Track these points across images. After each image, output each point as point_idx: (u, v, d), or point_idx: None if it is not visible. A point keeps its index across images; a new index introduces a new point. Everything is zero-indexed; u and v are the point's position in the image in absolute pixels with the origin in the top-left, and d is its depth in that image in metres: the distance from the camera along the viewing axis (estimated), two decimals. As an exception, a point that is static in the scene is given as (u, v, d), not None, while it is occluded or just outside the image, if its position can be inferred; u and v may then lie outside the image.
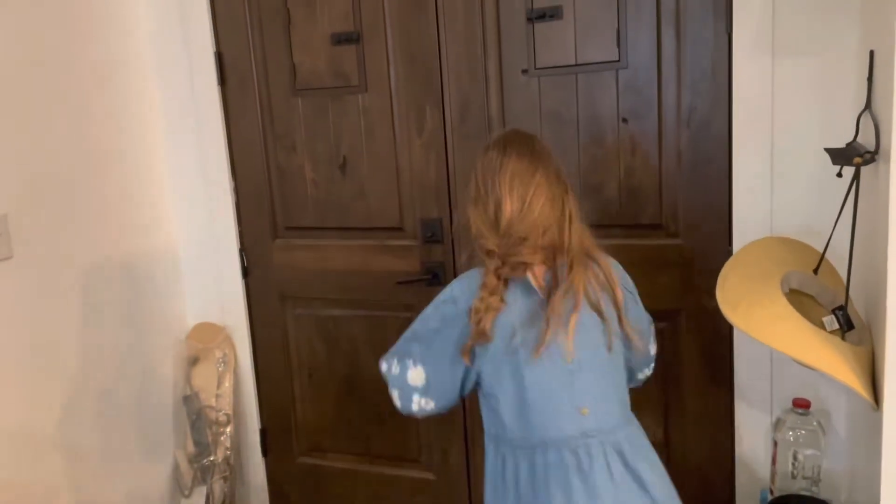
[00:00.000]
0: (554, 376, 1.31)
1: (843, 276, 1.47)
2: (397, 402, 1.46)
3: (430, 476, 2.37)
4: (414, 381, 1.41)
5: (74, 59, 2.11)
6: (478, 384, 1.40)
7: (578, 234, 1.36)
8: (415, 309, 2.26)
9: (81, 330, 2.12)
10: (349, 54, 2.18)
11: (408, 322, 2.27)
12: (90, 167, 2.16)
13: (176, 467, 2.44)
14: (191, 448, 2.43)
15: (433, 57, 2.08)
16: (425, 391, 1.41)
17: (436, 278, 2.20)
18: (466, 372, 1.38)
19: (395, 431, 2.38)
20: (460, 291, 1.39)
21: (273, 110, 2.32)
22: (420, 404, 1.41)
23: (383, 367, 1.49)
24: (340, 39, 2.17)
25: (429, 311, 1.44)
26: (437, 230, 2.18)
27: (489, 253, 1.34)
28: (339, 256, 2.34)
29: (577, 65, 1.93)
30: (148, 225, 2.39)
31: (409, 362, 1.41)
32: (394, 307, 2.29)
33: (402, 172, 2.20)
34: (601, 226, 1.96)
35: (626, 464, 1.31)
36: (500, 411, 1.35)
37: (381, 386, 2.32)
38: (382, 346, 2.31)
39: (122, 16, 2.29)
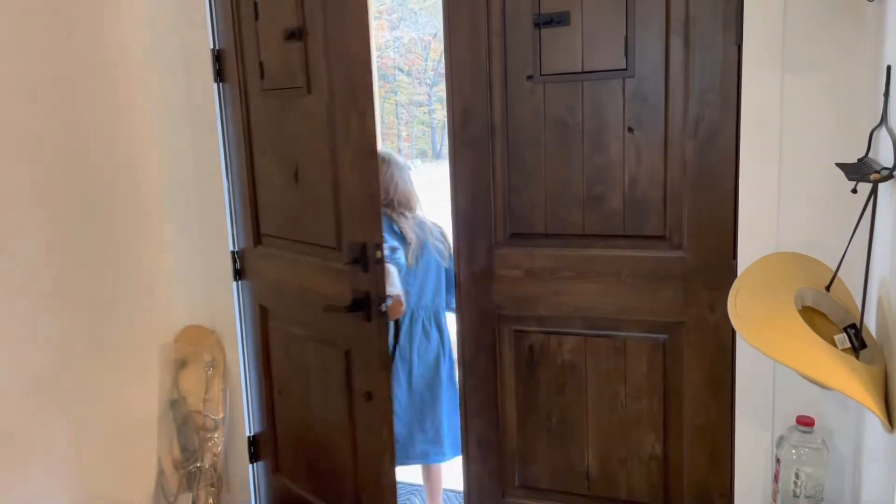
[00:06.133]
0: None
1: (854, 293, 1.45)
2: None
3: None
4: None
5: (68, 49, 2.06)
6: None
7: None
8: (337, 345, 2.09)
9: (58, 326, 2.05)
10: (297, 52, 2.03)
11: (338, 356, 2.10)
12: (82, 163, 2.11)
13: (161, 473, 2.38)
14: (176, 453, 2.37)
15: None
16: None
17: (357, 307, 1.97)
18: None
19: (331, 477, 2.29)
20: None
21: (250, 110, 2.25)
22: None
23: None
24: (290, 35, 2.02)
25: None
26: (359, 255, 1.98)
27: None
28: (293, 272, 2.21)
29: (583, 72, 1.90)
30: (140, 223, 2.33)
31: None
32: (328, 337, 2.16)
33: (339, 187, 2.03)
34: (603, 236, 1.96)
35: None
36: None
37: (328, 420, 2.21)
38: (332, 376, 2.14)
39: (118, 9, 2.24)
